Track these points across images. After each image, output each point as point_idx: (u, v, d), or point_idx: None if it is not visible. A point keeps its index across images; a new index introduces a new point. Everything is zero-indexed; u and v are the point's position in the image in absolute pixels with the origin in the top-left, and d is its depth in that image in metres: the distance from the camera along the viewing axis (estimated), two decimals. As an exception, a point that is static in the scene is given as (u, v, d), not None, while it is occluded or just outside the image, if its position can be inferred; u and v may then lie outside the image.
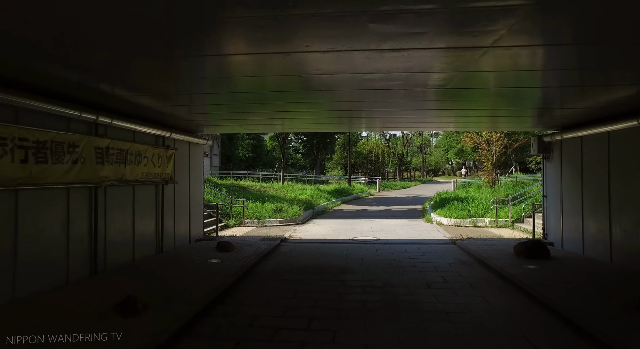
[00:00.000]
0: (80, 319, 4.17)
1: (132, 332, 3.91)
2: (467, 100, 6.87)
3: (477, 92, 6.34)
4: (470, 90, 6.05)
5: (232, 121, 9.87)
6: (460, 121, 10.25)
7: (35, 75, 4.56)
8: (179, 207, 9.18)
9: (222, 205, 14.27)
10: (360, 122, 10.98)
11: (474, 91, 6.20)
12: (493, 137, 19.25)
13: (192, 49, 4.01)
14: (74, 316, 4.28)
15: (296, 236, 11.50)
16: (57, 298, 4.94)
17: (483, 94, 6.47)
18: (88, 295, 5.09)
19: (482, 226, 12.85)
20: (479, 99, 6.87)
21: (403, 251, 8.98)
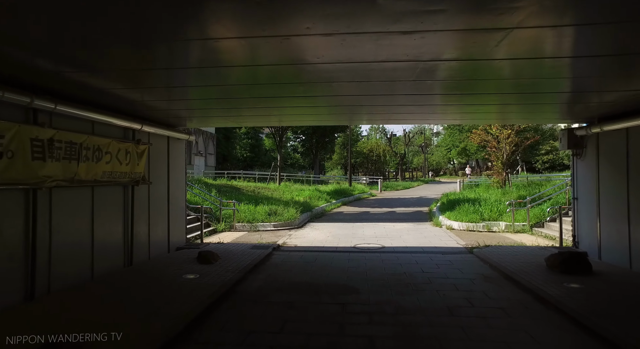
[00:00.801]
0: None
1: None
2: (481, 93, 6.22)
3: (492, 84, 5.51)
4: (486, 81, 5.29)
5: (221, 115, 8.69)
6: (471, 114, 9.19)
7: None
8: (155, 211, 7.97)
9: (211, 208, 13.06)
10: (362, 116, 9.86)
11: (488, 82, 5.37)
12: (503, 134, 18.04)
13: (170, 32, 3.47)
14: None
15: (291, 242, 10.29)
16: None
17: (499, 85, 5.63)
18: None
19: (497, 230, 11.64)
20: (494, 91, 6.01)
21: (413, 261, 7.77)
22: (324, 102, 7.03)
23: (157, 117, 7.68)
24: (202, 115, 8.90)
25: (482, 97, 6.45)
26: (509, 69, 4.74)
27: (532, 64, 4.45)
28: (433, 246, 9.57)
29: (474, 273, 6.77)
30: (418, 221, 14.42)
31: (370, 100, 6.64)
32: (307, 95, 6.25)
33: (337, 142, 44.21)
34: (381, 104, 7.11)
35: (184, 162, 9.61)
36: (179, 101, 7.02)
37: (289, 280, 6.45)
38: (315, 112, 8.56)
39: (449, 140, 48.28)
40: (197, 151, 29.87)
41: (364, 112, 8.89)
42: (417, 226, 13.04)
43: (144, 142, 7.34)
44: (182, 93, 6.41)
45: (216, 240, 10.37)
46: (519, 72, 4.89)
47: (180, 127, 9.22)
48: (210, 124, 11.03)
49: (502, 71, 4.89)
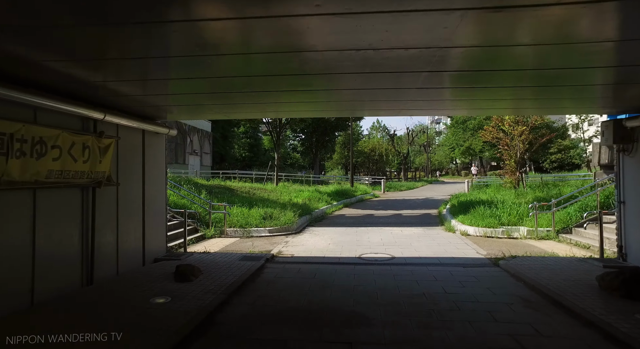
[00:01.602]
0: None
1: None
2: (499, 86, 5.43)
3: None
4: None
5: (209, 107, 7.47)
6: (484, 105, 8.06)
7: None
8: (126, 216, 6.74)
9: (200, 211, 11.83)
10: (364, 109, 8.69)
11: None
12: (517, 130, 16.81)
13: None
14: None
15: (287, 251, 9.05)
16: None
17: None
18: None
19: (518, 237, 10.40)
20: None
21: (431, 277, 6.53)
22: (323, 97, 6.33)
23: (128, 106, 6.45)
24: (186, 106, 7.67)
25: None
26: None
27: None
28: (450, 256, 8.33)
29: (509, 293, 5.53)
30: (428, 225, 13.18)
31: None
32: (306, 89, 5.66)
33: (337, 142, 43.04)
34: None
35: (164, 159, 8.37)
36: (157, 90, 5.82)
37: (283, 305, 5.21)
38: (314, 107, 7.39)
39: (453, 139, 47.07)
40: (192, 150, 28.67)
41: (367, 108, 7.83)
42: (428, 231, 11.80)
43: (109, 136, 6.10)
44: (161, 82, 5.27)
45: (202, 249, 9.13)
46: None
47: (159, 119, 8.00)
48: (196, 117, 9.79)
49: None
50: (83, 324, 4.15)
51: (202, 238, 10.76)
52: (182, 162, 26.99)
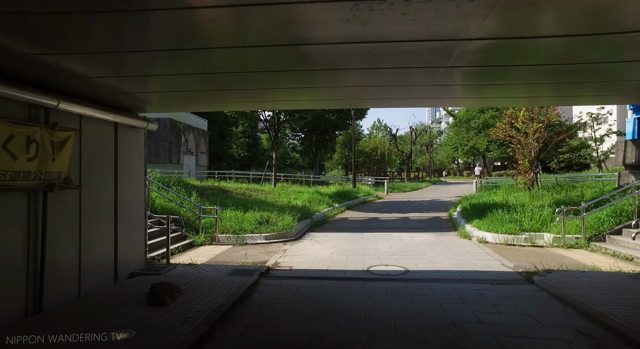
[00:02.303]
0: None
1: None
2: (519, 82, 5.03)
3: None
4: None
5: (197, 97, 6.38)
6: (495, 98, 7.20)
7: None
8: (92, 225, 5.64)
9: (190, 216, 10.72)
10: (366, 103, 7.64)
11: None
12: (532, 128, 15.71)
13: None
14: None
15: (285, 263, 7.94)
16: None
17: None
18: None
19: (543, 245, 9.30)
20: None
21: (456, 298, 5.44)
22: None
23: (95, 93, 5.35)
24: (169, 101, 6.56)
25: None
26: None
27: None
28: (472, 269, 7.23)
29: (561, 324, 4.43)
30: (439, 230, 12.07)
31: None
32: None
33: (338, 141, 41.95)
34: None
35: (144, 157, 7.27)
36: (132, 73, 4.76)
37: (278, 340, 4.11)
38: (314, 99, 6.30)
39: (456, 138, 45.95)
40: (187, 149, 27.56)
41: (369, 99, 6.76)
42: (441, 238, 10.70)
43: (65, 128, 4.99)
44: (137, 65, 4.30)
45: (188, 259, 8.02)
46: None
47: (137, 111, 6.91)
48: (182, 108, 8.71)
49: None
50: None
51: (191, 246, 9.66)
52: (177, 161, 25.87)
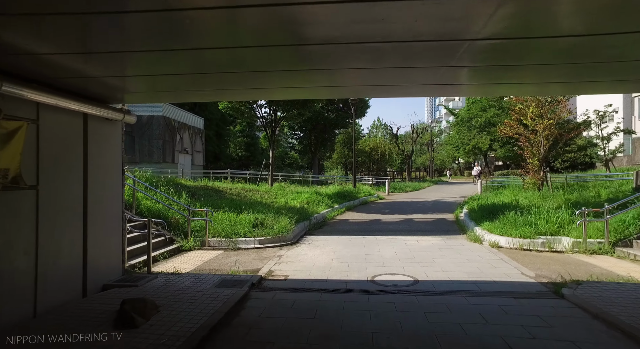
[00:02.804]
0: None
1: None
2: None
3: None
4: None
5: (186, 87, 5.63)
6: (503, 89, 6.50)
7: None
8: (52, 230, 4.86)
9: (179, 218, 9.93)
10: (367, 94, 6.86)
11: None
12: (542, 124, 14.94)
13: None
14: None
15: (280, 271, 7.16)
16: None
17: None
18: None
19: (562, 250, 8.53)
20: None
21: (477, 316, 4.66)
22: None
23: (56, 78, 4.56)
24: (152, 86, 5.75)
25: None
26: None
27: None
28: (489, 279, 6.45)
29: (610, 353, 3.65)
30: (446, 233, 11.29)
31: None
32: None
33: (337, 140, 41.17)
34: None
35: (121, 153, 6.47)
36: (108, 63, 4.02)
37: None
38: (311, 90, 5.52)
39: (457, 137, 45.21)
40: (182, 148, 26.78)
41: (370, 89, 5.99)
42: (449, 242, 9.91)
43: (14, 117, 4.20)
44: (110, 42, 3.61)
45: (172, 267, 7.23)
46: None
47: (112, 101, 6.12)
48: (167, 99, 7.87)
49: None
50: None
51: (178, 251, 8.87)
52: (171, 161, 25.10)
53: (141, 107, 24.25)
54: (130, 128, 23.98)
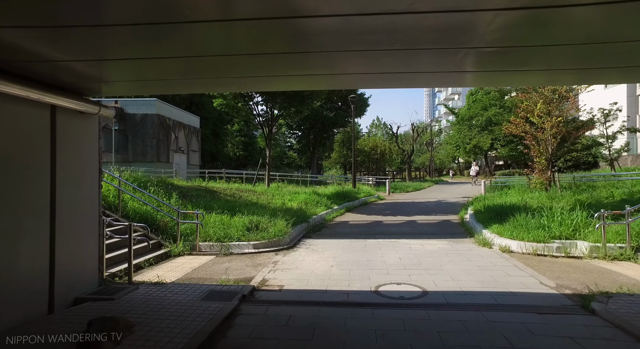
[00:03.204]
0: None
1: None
2: None
3: None
4: None
5: (173, 75, 5.00)
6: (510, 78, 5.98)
7: None
8: (8, 236, 4.21)
9: (168, 221, 9.30)
10: (368, 84, 6.25)
11: None
12: (550, 122, 14.34)
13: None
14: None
15: (275, 280, 6.53)
16: None
17: None
18: None
19: (580, 255, 7.92)
20: None
21: (500, 339, 4.04)
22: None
23: (12, 61, 3.93)
24: (134, 74, 5.11)
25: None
26: None
27: None
28: (506, 289, 5.83)
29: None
30: (452, 236, 10.68)
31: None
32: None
33: (336, 140, 40.54)
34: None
35: (98, 150, 5.83)
36: (76, 40, 3.41)
37: None
38: (310, 74, 4.88)
39: (457, 137, 44.63)
40: (178, 148, 26.12)
41: (372, 79, 5.35)
42: (457, 246, 9.30)
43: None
44: (85, 28, 3.08)
45: (156, 276, 6.59)
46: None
47: (89, 93, 5.49)
48: (153, 91, 7.20)
49: None
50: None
51: (166, 257, 8.24)
52: (166, 160, 24.43)
53: (134, 105, 23.60)
54: (124, 127, 23.35)
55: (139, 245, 7.43)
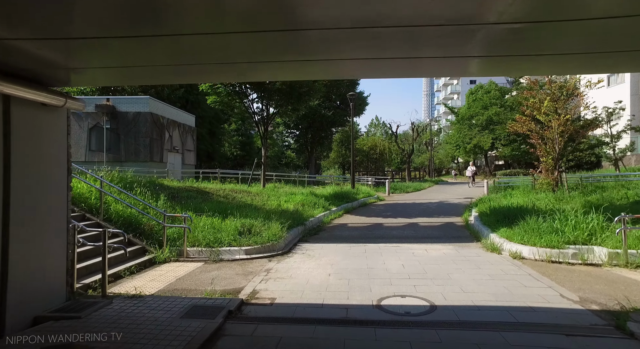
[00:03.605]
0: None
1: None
2: None
3: None
4: None
5: (153, 64, 4.40)
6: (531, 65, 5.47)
7: None
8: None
9: (154, 224, 8.66)
10: (368, 73, 5.63)
11: None
12: (556, 120, 13.74)
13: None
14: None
15: (266, 291, 5.90)
16: None
17: None
18: None
19: (598, 262, 7.32)
20: None
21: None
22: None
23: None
24: (110, 60, 4.46)
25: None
26: None
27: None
28: (524, 304, 5.21)
29: None
30: (457, 240, 10.06)
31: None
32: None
33: (334, 139, 39.92)
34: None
35: (66, 147, 5.20)
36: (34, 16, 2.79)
37: None
38: (306, 59, 4.26)
39: (457, 136, 44.05)
40: (172, 147, 25.46)
41: (372, 67, 4.75)
42: (463, 251, 8.69)
43: None
44: None
45: (133, 288, 5.95)
46: None
47: (56, 83, 4.86)
48: (132, 81, 6.53)
49: None
50: None
51: (150, 264, 7.60)
52: (159, 160, 23.76)
53: (127, 103, 22.94)
54: (116, 125, 22.69)
55: (115, 254, 6.77)
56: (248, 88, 17.10)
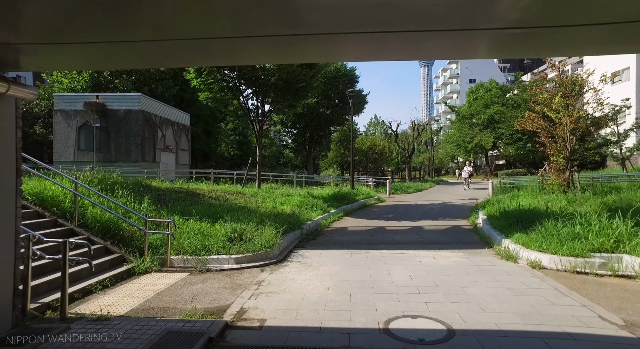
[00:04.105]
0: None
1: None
2: None
3: None
4: None
5: (123, 47, 3.57)
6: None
7: None
8: None
9: (135, 230, 7.85)
10: (369, 55, 4.80)
11: None
12: (567, 118, 12.97)
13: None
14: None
15: (256, 311, 5.09)
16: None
17: None
18: None
19: (630, 274, 6.54)
20: None
21: None
22: None
23: None
24: (70, 35, 3.63)
25: None
26: None
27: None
28: (559, 329, 4.41)
29: None
30: (467, 246, 9.28)
31: None
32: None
33: (333, 138, 39.14)
34: None
35: (14, 145, 4.39)
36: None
37: None
38: (302, 33, 3.46)
39: (458, 135, 43.35)
40: (165, 146, 24.57)
41: (373, 50, 4.00)
42: (475, 259, 7.90)
43: None
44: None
45: (101, 307, 5.14)
46: None
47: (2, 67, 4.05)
48: (98, 65, 5.66)
49: None
50: None
51: (129, 275, 6.79)
52: (152, 159, 22.87)
53: (117, 100, 22.07)
54: (106, 123, 21.82)
55: (76, 268, 5.93)
56: (242, 83, 16.28)
